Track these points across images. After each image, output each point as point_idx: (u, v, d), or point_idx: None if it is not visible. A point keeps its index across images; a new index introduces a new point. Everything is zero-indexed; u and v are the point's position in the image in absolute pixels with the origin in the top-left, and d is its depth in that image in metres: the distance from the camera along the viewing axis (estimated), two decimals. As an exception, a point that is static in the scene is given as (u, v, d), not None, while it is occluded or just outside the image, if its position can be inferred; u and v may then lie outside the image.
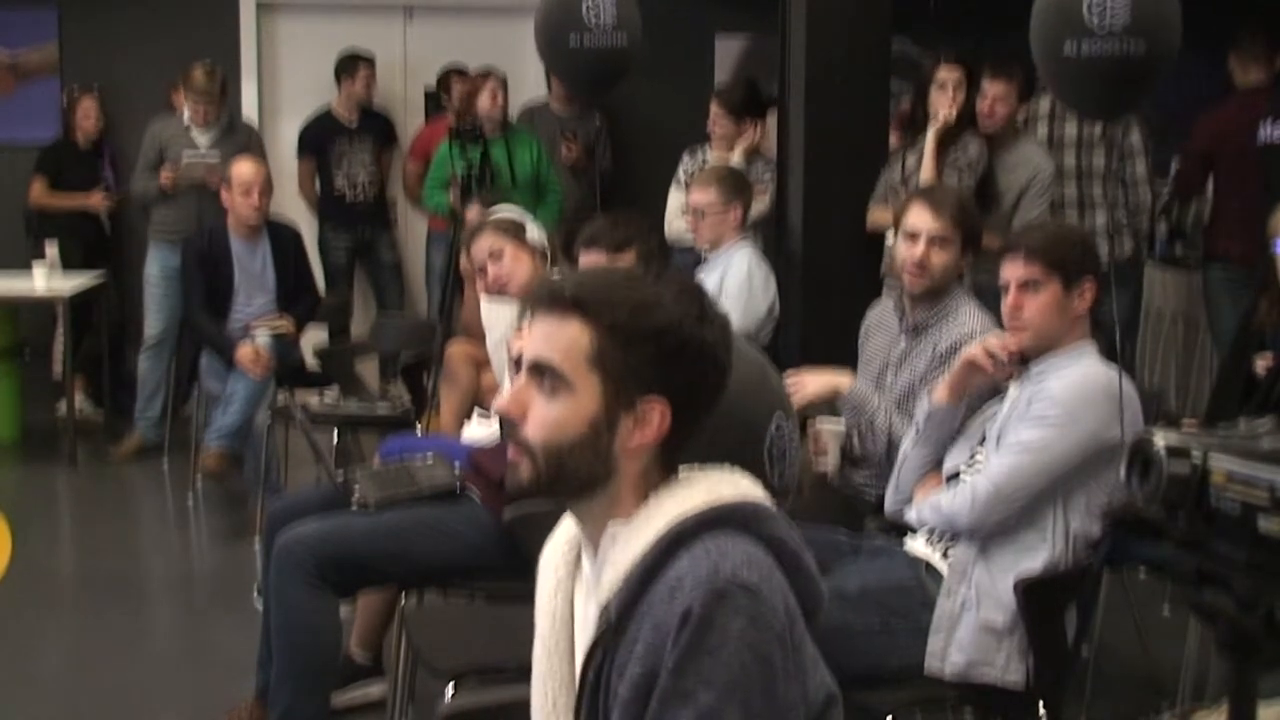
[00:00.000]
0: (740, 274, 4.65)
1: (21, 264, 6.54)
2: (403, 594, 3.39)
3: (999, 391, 3.02)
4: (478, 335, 4.28)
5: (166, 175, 6.29)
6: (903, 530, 2.98)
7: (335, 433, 4.80)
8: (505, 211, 4.19)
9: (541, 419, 1.59)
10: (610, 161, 7.05)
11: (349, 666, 3.68)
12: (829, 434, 3.39)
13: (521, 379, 1.62)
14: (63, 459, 6.37)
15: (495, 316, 3.96)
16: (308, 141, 7.11)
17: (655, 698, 1.47)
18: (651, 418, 1.58)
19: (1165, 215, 6.38)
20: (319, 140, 7.07)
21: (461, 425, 4.15)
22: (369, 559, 3.19)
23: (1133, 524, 2.74)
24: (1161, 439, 1.65)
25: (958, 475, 2.93)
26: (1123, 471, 1.70)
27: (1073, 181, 5.33)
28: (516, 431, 1.61)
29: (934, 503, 2.88)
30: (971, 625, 2.74)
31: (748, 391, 1.85)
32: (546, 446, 1.58)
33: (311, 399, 4.81)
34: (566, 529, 1.75)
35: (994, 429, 2.92)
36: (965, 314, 3.34)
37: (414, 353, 5.37)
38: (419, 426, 4.69)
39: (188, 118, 6.38)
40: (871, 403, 3.37)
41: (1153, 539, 2.77)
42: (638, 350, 1.57)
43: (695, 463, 1.66)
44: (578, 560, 1.72)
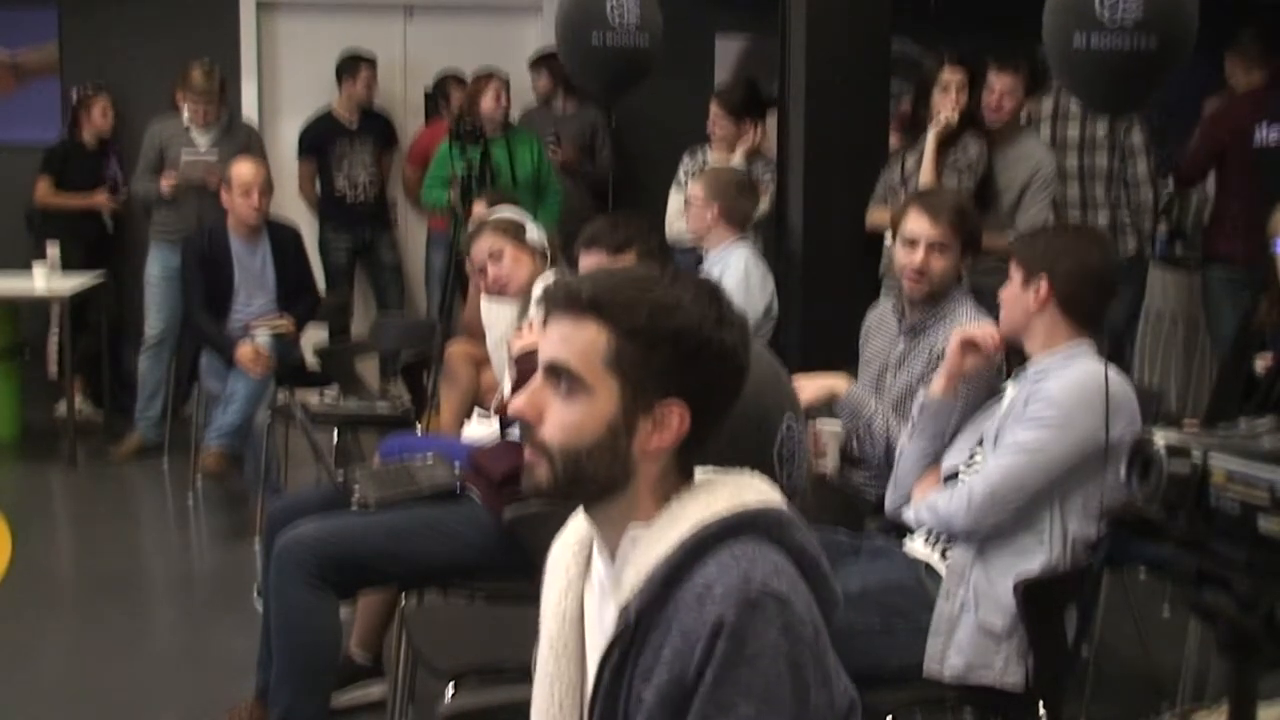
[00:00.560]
0: (737, 274, 4.67)
1: (22, 264, 6.54)
2: (403, 594, 3.39)
3: (997, 393, 3.02)
4: (478, 335, 4.29)
5: (168, 181, 6.29)
6: (903, 531, 2.97)
7: (335, 432, 4.80)
8: (505, 212, 4.19)
9: (559, 421, 1.57)
10: (610, 161, 7.05)
11: (349, 666, 3.67)
12: (828, 434, 3.39)
13: (538, 381, 1.60)
14: (63, 459, 6.37)
15: (495, 316, 3.97)
16: (308, 142, 7.11)
17: (694, 712, 1.46)
18: (670, 420, 1.57)
19: (1165, 215, 6.39)
20: (319, 141, 7.07)
21: (461, 425, 4.15)
22: (369, 559, 3.19)
23: (1132, 524, 2.73)
24: (1161, 439, 1.65)
25: (956, 475, 2.93)
26: (1123, 471, 1.70)
27: (1075, 182, 5.33)
28: (533, 434, 1.59)
29: (931, 504, 2.88)
30: (970, 628, 2.74)
31: (761, 392, 1.84)
32: (564, 449, 1.56)
33: (311, 398, 4.81)
34: (576, 529, 1.73)
35: (991, 429, 2.92)
36: (963, 315, 3.34)
37: (414, 352, 5.38)
38: (419, 426, 4.69)
39: (187, 118, 6.38)
40: (868, 406, 3.37)
41: (1153, 539, 2.76)
42: (656, 353, 1.55)
43: (709, 464, 1.65)
44: (588, 561, 1.71)
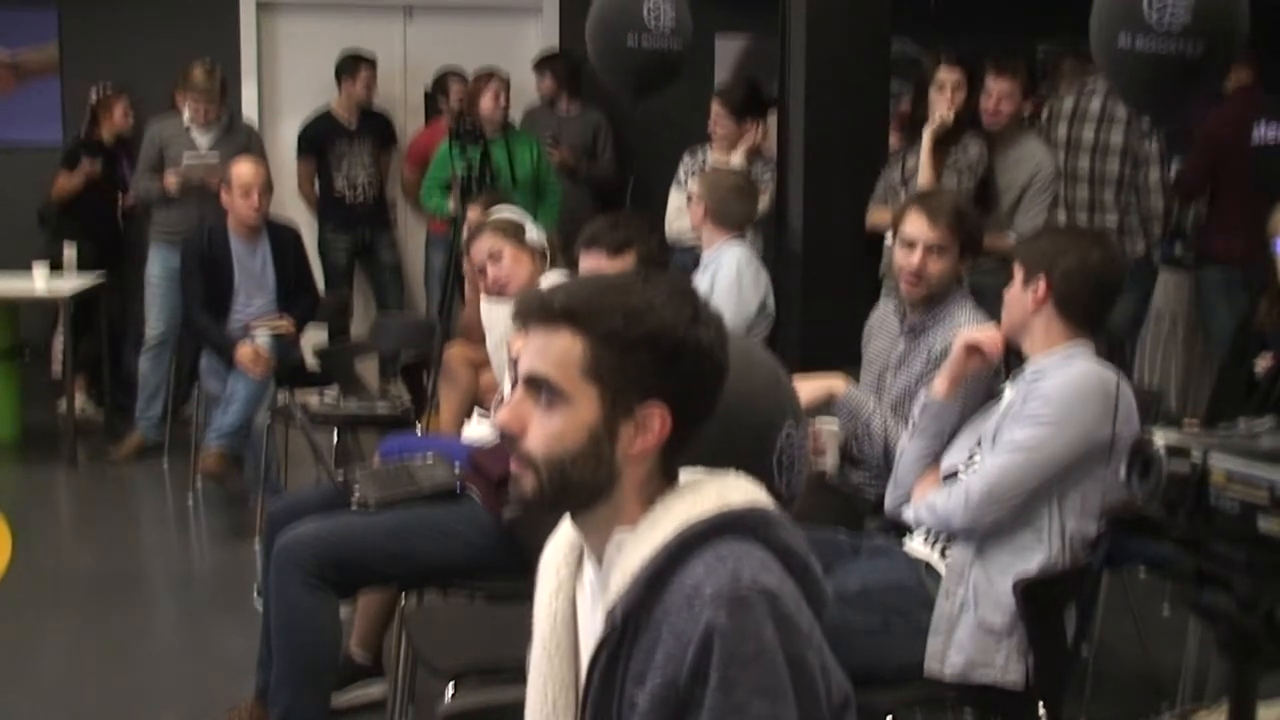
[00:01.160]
0: (730, 273, 4.67)
1: (23, 264, 6.54)
2: (403, 594, 3.39)
3: (996, 393, 3.02)
4: (477, 336, 4.28)
5: (170, 179, 6.29)
6: (903, 530, 2.97)
7: (335, 433, 4.80)
8: (505, 212, 4.19)
9: (542, 432, 1.58)
10: (613, 162, 7.05)
11: (349, 666, 3.67)
12: (828, 434, 3.38)
13: (519, 393, 1.61)
14: (63, 459, 6.37)
15: (495, 317, 3.96)
16: (307, 142, 7.10)
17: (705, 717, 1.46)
18: (652, 423, 1.57)
19: (1165, 216, 6.37)
20: (319, 141, 7.07)
21: (461, 425, 4.15)
22: (369, 559, 3.19)
23: (1132, 524, 2.73)
24: (1161, 439, 1.66)
25: (955, 475, 2.93)
26: (1123, 471, 1.70)
27: (1085, 185, 5.27)
28: (518, 445, 1.60)
29: (929, 503, 2.88)
30: (970, 626, 2.74)
31: (761, 399, 1.83)
32: (548, 459, 1.57)
33: (311, 399, 4.81)
34: (568, 530, 1.74)
35: (990, 429, 2.92)
36: (963, 316, 3.34)
37: (414, 353, 5.38)
38: (419, 426, 4.69)
39: (188, 118, 6.37)
40: (866, 407, 3.36)
41: (1153, 539, 2.77)
42: (633, 356, 1.55)
43: (702, 466, 1.65)
44: (580, 562, 1.71)
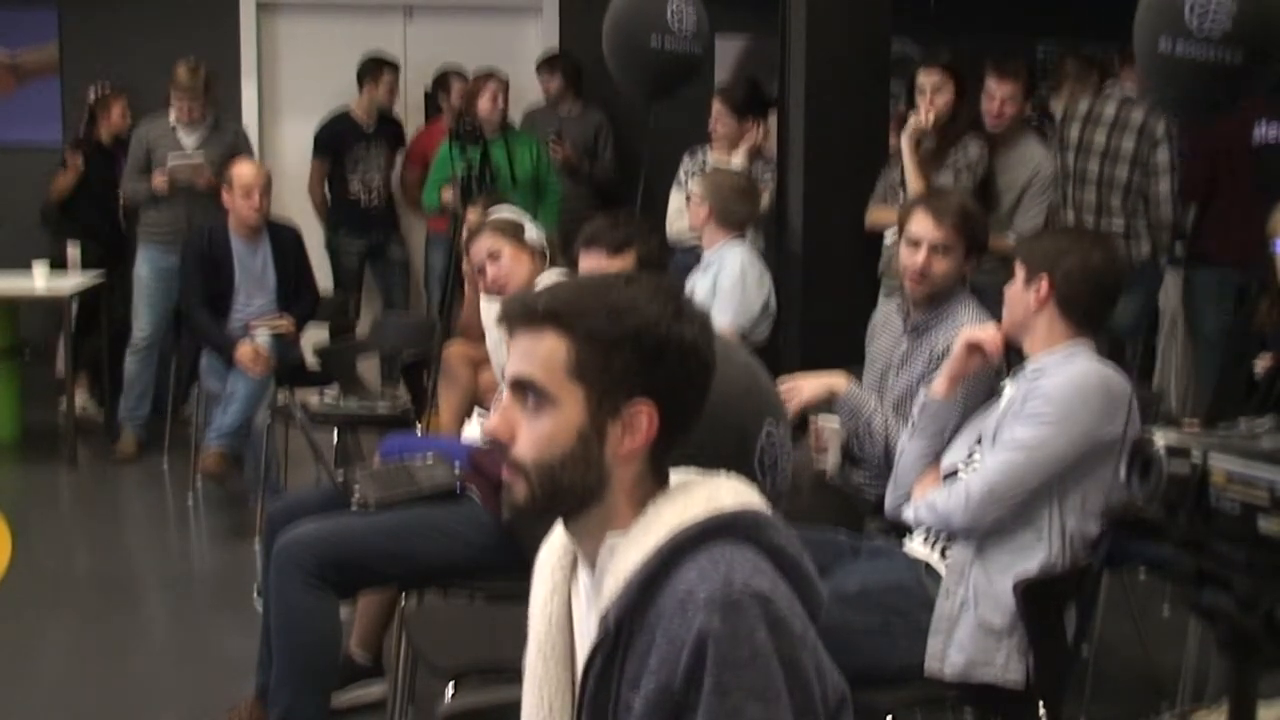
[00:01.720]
0: (733, 272, 4.67)
1: (23, 264, 6.54)
2: (403, 594, 3.39)
3: (996, 392, 3.02)
4: (477, 335, 4.28)
5: (159, 179, 6.26)
6: (903, 530, 2.98)
7: (335, 433, 4.80)
8: (504, 212, 4.19)
9: (530, 437, 1.57)
10: (613, 163, 7.05)
11: (349, 666, 3.67)
12: (829, 432, 3.38)
13: (506, 399, 1.61)
14: (63, 459, 6.37)
15: (495, 317, 3.96)
16: (324, 142, 6.97)
17: None
18: (639, 422, 1.56)
19: (1174, 226, 6.35)
20: (336, 142, 6.94)
21: (461, 425, 4.15)
22: (369, 559, 3.19)
23: (1132, 524, 2.73)
24: (1161, 439, 1.66)
25: (955, 474, 2.93)
26: (1123, 471, 1.70)
27: (1093, 188, 5.20)
28: (508, 452, 1.59)
29: (930, 502, 2.88)
30: (970, 625, 2.74)
31: (736, 396, 1.82)
32: (538, 464, 1.57)
33: (311, 398, 4.81)
34: (563, 533, 1.74)
35: (990, 428, 2.92)
36: (965, 315, 3.34)
37: (414, 352, 5.37)
38: (419, 426, 4.69)
39: (174, 118, 6.34)
40: (868, 406, 3.36)
41: (1153, 539, 2.77)
42: (617, 355, 1.55)
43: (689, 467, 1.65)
44: (575, 565, 1.70)
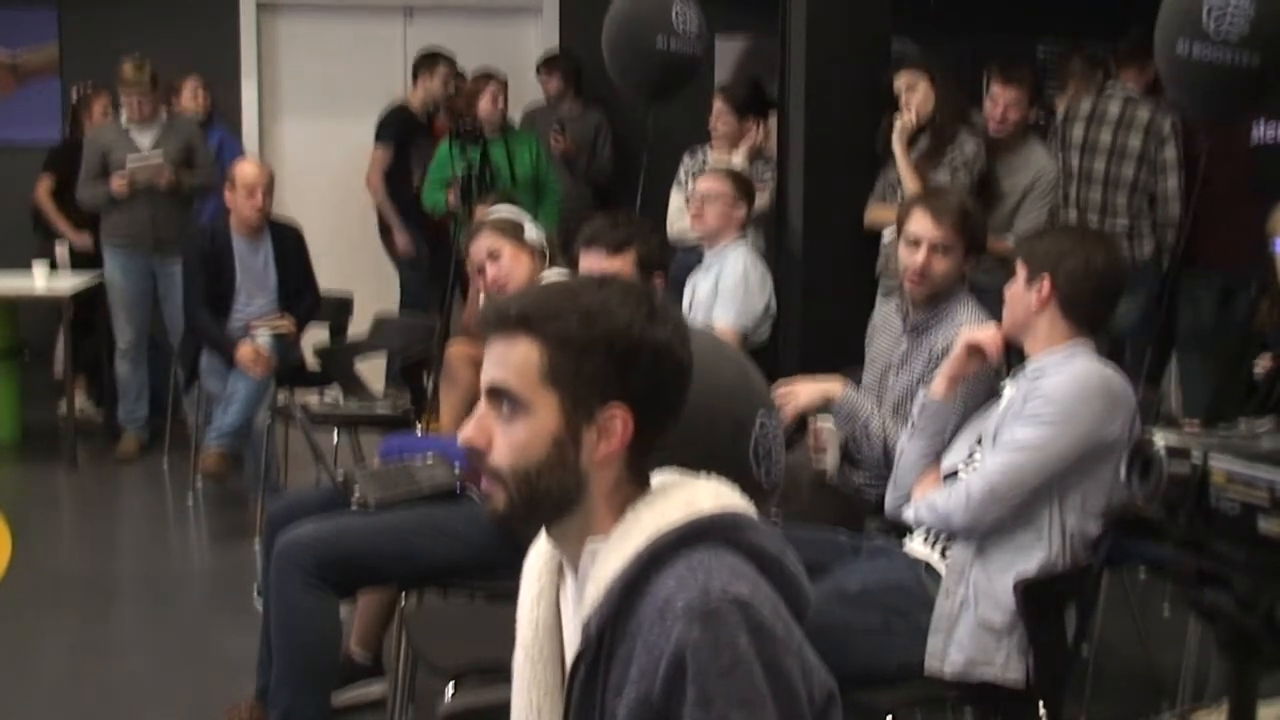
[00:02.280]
0: (736, 273, 4.66)
1: (23, 264, 6.54)
2: (403, 594, 3.39)
3: (996, 392, 3.02)
4: (477, 335, 4.28)
5: (119, 183, 6.16)
6: (903, 530, 2.98)
7: (335, 433, 4.80)
8: (504, 211, 4.19)
9: (506, 444, 1.57)
10: (611, 162, 7.05)
11: (349, 666, 3.68)
12: (828, 432, 3.38)
13: (481, 407, 1.60)
14: (63, 459, 6.37)
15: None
16: (391, 133, 6.75)
17: None
18: (614, 426, 1.56)
19: (1180, 224, 6.33)
20: (400, 134, 6.76)
21: (461, 425, 4.15)
22: (369, 559, 3.19)
23: (1132, 524, 2.74)
24: (1161, 439, 1.66)
25: (956, 474, 2.93)
26: (1123, 471, 1.70)
27: (1099, 187, 5.21)
28: (485, 461, 1.59)
29: (930, 502, 2.88)
30: (970, 624, 2.74)
31: (730, 389, 1.83)
32: (515, 471, 1.56)
33: (311, 399, 4.81)
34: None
35: (990, 428, 2.92)
36: (965, 315, 3.34)
37: (414, 352, 5.38)
38: (419, 426, 4.69)
39: (125, 118, 6.28)
40: (864, 409, 3.36)
41: (1153, 539, 2.77)
42: (590, 359, 1.54)
43: (679, 466, 1.64)
44: (561, 568, 1.70)
